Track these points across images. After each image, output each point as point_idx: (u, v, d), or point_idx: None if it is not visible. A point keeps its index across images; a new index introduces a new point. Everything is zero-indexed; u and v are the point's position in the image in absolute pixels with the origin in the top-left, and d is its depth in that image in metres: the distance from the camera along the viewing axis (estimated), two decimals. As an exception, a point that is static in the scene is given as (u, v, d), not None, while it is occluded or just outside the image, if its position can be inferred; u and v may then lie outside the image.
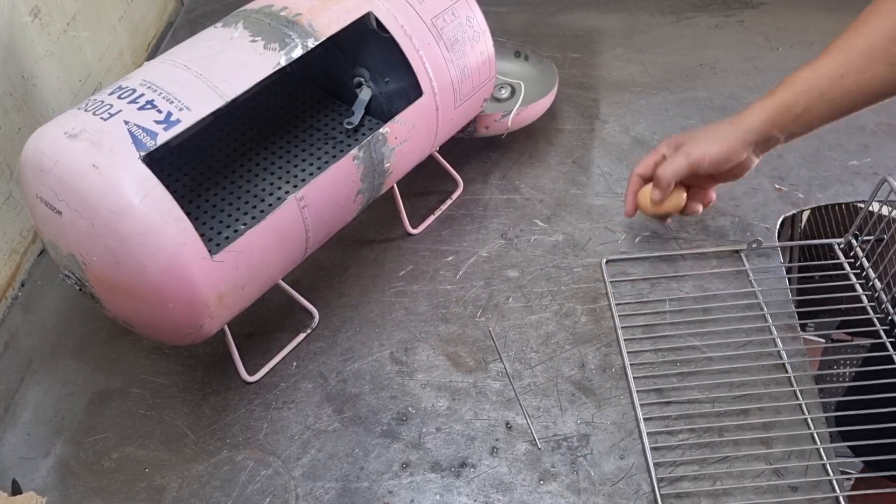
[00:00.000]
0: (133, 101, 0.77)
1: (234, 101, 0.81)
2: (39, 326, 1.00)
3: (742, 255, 0.99)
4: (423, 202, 1.11)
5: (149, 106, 0.77)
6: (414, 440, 0.85)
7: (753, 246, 0.98)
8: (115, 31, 1.32)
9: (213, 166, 1.02)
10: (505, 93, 1.20)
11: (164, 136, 0.75)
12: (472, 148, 1.19)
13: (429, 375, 0.91)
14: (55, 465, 0.86)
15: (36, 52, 1.09)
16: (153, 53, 1.45)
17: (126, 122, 0.75)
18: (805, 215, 1.08)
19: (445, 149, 1.08)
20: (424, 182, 1.13)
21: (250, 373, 0.92)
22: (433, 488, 0.81)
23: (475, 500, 0.80)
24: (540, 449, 0.83)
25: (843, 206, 1.09)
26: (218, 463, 0.85)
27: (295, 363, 0.93)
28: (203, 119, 0.79)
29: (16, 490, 0.83)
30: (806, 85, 0.81)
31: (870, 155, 1.13)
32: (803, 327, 0.91)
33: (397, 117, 0.93)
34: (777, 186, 1.09)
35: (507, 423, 0.85)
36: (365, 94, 1.06)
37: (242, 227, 0.92)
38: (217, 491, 0.82)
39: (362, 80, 1.06)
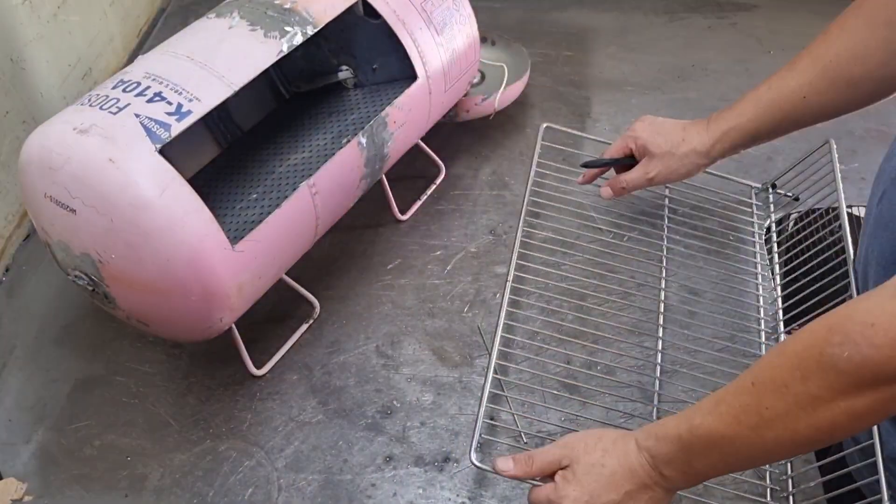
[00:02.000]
0: (140, 94, 0.76)
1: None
2: (23, 312, 1.00)
3: (754, 195, 1.07)
4: (408, 191, 1.11)
5: (157, 98, 0.76)
6: (398, 434, 0.85)
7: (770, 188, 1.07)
8: (107, 15, 1.31)
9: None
10: (475, 79, 1.20)
11: (177, 128, 0.75)
12: (463, 143, 1.19)
13: (414, 369, 0.91)
14: (36, 451, 0.85)
15: (25, 35, 1.08)
16: (144, 39, 1.44)
17: (137, 115, 0.74)
18: (793, 219, 1.09)
19: (435, 141, 1.08)
20: (404, 169, 1.12)
21: (256, 366, 0.91)
22: (416, 482, 0.81)
23: (458, 495, 0.80)
24: (524, 445, 0.83)
25: (831, 210, 1.10)
26: (201, 453, 0.84)
27: (280, 354, 0.93)
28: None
29: (-4, 476, 0.83)
30: (770, 108, 0.84)
31: (858, 160, 1.14)
32: (787, 330, 0.91)
33: (396, 101, 0.94)
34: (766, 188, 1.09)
35: (492, 419, 0.86)
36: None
37: (256, 215, 0.91)
38: (199, 481, 0.82)
39: (346, 68, 1.06)
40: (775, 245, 1.01)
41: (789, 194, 1.05)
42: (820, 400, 0.53)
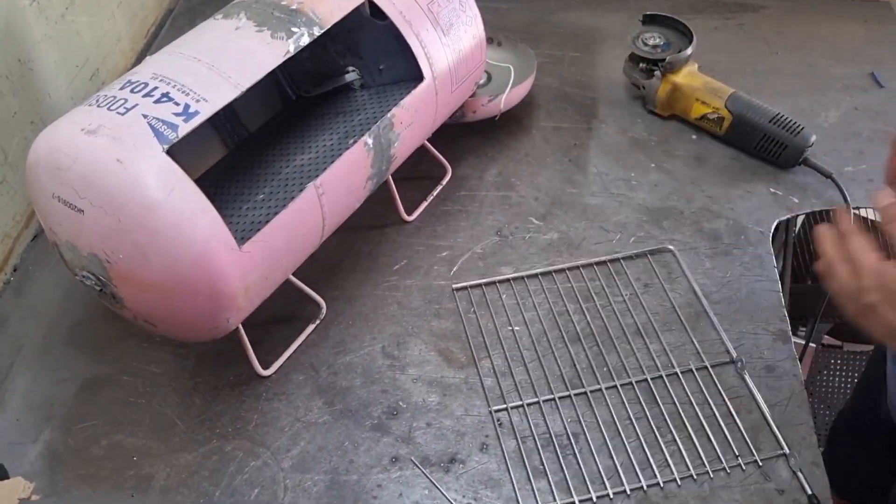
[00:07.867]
0: (148, 95, 0.76)
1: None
2: (31, 312, 1.00)
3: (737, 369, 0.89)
4: (414, 191, 1.11)
5: (165, 99, 0.76)
6: (404, 434, 0.85)
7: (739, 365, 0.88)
8: (114, 16, 1.31)
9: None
10: (482, 79, 1.20)
11: (185, 128, 0.75)
12: (469, 144, 1.19)
13: (420, 370, 0.91)
14: (43, 451, 0.85)
15: (33, 36, 1.08)
16: (152, 40, 1.44)
17: (145, 116, 0.74)
18: (800, 220, 1.08)
19: (442, 142, 1.08)
20: (411, 170, 1.13)
21: (263, 366, 0.91)
22: (422, 483, 0.81)
23: (464, 496, 0.80)
24: (530, 446, 0.83)
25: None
26: (207, 453, 0.85)
27: (287, 355, 0.93)
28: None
29: (3, 475, 0.83)
30: None
31: (865, 161, 1.13)
32: (794, 331, 0.91)
33: (402, 102, 0.94)
34: (772, 190, 1.09)
35: (498, 420, 0.86)
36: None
37: (263, 216, 0.92)
38: (205, 481, 0.82)
39: (353, 69, 1.06)
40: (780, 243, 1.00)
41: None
42: None
